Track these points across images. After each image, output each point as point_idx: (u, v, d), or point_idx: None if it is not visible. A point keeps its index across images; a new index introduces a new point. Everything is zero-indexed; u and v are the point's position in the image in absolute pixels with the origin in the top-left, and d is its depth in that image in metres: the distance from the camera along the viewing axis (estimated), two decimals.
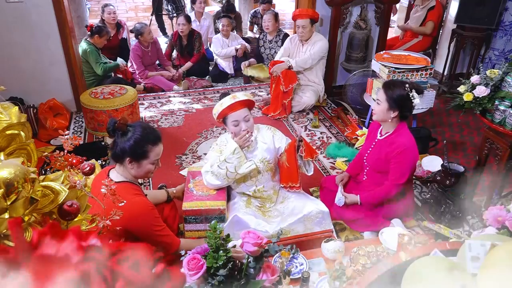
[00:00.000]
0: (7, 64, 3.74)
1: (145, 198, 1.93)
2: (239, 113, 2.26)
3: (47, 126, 3.78)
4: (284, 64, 4.03)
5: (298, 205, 2.37)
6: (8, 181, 0.95)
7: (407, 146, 2.31)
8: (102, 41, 4.45)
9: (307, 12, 3.98)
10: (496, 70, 2.48)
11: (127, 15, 8.38)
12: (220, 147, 2.39)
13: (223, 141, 2.42)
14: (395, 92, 2.28)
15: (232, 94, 2.27)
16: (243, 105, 2.27)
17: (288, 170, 2.33)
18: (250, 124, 2.31)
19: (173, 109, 4.35)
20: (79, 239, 0.46)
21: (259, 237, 1.30)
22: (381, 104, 2.33)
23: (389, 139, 2.39)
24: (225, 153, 2.29)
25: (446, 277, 0.81)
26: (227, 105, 2.23)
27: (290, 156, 2.30)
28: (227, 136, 2.42)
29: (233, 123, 2.28)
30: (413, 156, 2.35)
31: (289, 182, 2.37)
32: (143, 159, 1.88)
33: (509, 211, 1.24)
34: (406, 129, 2.39)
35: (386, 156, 2.37)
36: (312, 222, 2.34)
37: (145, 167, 1.91)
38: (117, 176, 1.93)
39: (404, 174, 2.35)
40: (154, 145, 1.89)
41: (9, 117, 1.18)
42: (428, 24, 4.87)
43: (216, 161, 2.30)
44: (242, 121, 2.28)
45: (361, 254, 1.78)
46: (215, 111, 2.31)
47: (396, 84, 2.32)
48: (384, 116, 2.35)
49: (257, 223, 2.26)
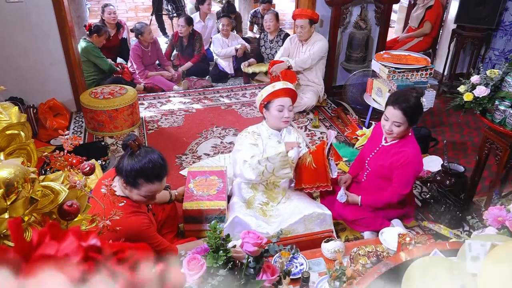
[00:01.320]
0: (7, 64, 3.74)
1: (141, 217, 1.88)
2: (286, 100, 2.35)
3: (47, 126, 3.78)
4: (283, 64, 4.03)
5: (299, 206, 2.37)
6: (8, 181, 0.95)
7: (413, 158, 2.26)
8: (101, 40, 4.46)
9: (306, 12, 3.98)
10: (496, 70, 2.48)
11: (127, 15, 8.38)
12: (255, 137, 2.42)
13: (254, 130, 2.47)
14: (416, 110, 2.17)
15: (282, 81, 2.39)
16: (290, 94, 2.37)
17: (315, 171, 2.32)
18: (292, 115, 2.41)
19: (173, 109, 4.35)
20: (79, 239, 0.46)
21: (259, 237, 1.30)
22: (401, 126, 2.20)
23: (395, 147, 2.33)
24: (269, 152, 2.29)
25: (446, 277, 0.81)
26: (278, 88, 2.33)
27: (318, 158, 2.29)
28: (259, 127, 2.48)
29: (278, 107, 2.34)
30: (418, 167, 2.32)
31: (317, 183, 2.35)
32: (134, 188, 1.83)
33: (509, 211, 1.24)
34: (413, 137, 2.33)
35: (391, 165, 2.33)
36: (312, 222, 2.34)
37: (135, 196, 1.85)
38: (118, 189, 1.88)
39: (408, 185, 2.33)
40: (148, 182, 1.81)
41: (9, 117, 1.18)
42: (425, 25, 4.88)
43: (257, 154, 2.32)
44: (287, 108, 2.35)
45: (361, 254, 1.78)
46: (263, 92, 2.38)
47: (407, 99, 2.17)
48: (404, 133, 2.26)
49: (257, 225, 2.26)
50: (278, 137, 2.42)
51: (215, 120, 4.10)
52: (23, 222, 1.01)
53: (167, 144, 3.66)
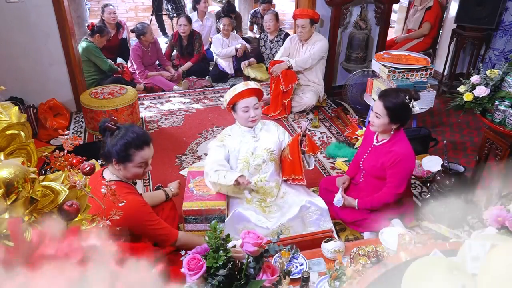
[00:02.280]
0: (7, 64, 3.74)
1: (136, 196, 1.94)
2: (250, 100, 2.36)
3: (47, 126, 3.78)
4: (284, 64, 4.03)
5: (297, 199, 2.40)
6: (8, 181, 0.95)
7: (403, 156, 2.27)
8: (102, 40, 4.46)
9: (307, 12, 3.98)
10: (496, 70, 2.48)
11: (127, 15, 8.38)
12: (223, 136, 2.46)
13: (227, 131, 2.50)
14: (397, 105, 2.21)
15: (244, 82, 2.39)
16: (254, 93, 2.38)
17: (291, 163, 2.40)
18: (259, 112, 2.42)
19: (173, 109, 4.35)
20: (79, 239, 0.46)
21: (259, 237, 1.30)
22: (381, 118, 2.27)
23: (386, 147, 2.35)
24: (221, 179, 2.26)
25: (446, 277, 0.81)
26: (240, 91, 2.33)
27: (293, 149, 2.37)
28: (233, 128, 2.50)
29: (243, 108, 2.36)
30: (410, 165, 2.32)
31: (292, 175, 2.43)
32: (128, 162, 1.89)
33: (509, 211, 1.24)
34: (403, 136, 2.35)
35: (382, 165, 2.35)
36: (310, 218, 2.35)
37: (131, 170, 1.92)
38: (109, 175, 1.95)
39: (401, 184, 2.33)
40: (138, 149, 1.89)
41: (9, 117, 1.18)
42: (424, 25, 4.88)
43: (218, 159, 2.36)
44: (252, 108, 2.37)
45: (361, 254, 1.78)
46: (227, 96, 2.40)
47: (394, 96, 2.24)
48: (385, 128, 2.31)
49: (257, 219, 2.30)
50: (251, 133, 2.44)
51: (215, 120, 4.10)
52: (23, 222, 1.01)
53: (167, 144, 3.66)
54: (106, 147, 1.90)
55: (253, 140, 2.43)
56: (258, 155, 2.41)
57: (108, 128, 1.89)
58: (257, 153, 2.41)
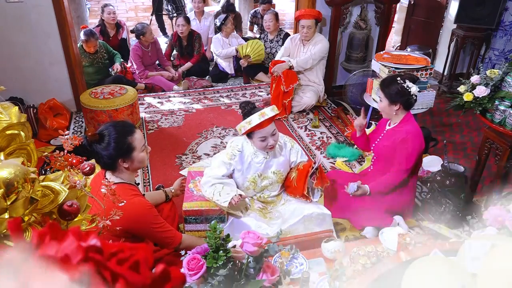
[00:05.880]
0: (7, 64, 3.74)
1: (142, 198, 1.94)
2: (267, 129, 2.18)
3: (47, 126, 3.78)
4: (285, 64, 4.03)
5: (299, 207, 2.35)
6: (8, 181, 0.95)
7: (411, 132, 2.38)
8: (88, 46, 4.34)
9: (312, 12, 3.98)
10: (496, 70, 2.48)
11: (127, 15, 8.38)
12: (232, 154, 2.31)
13: (237, 146, 2.32)
14: (390, 88, 2.40)
15: (260, 112, 2.15)
16: (271, 121, 2.20)
17: (294, 188, 2.34)
18: (277, 138, 2.25)
19: (173, 109, 4.35)
20: (79, 239, 0.46)
21: (259, 237, 1.30)
22: (382, 101, 2.47)
23: (396, 128, 2.48)
24: (216, 197, 2.21)
25: (446, 277, 0.81)
26: (256, 124, 2.14)
27: (300, 179, 2.27)
28: (243, 141, 2.33)
29: (260, 139, 2.20)
30: (418, 143, 2.40)
31: (292, 195, 2.41)
32: (132, 151, 1.90)
33: (509, 211, 1.24)
34: (412, 119, 2.47)
35: (393, 143, 2.44)
36: (312, 223, 2.33)
37: (137, 157, 1.93)
38: (114, 179, 1.92)
39: (409, 160, 2.38)
40: (132, 134, 1.91)
41: (9, 117, 1.18)
42: None
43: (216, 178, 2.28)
44: (270, 136, 2.20)
45: (361, 254, 1.78)
46: (240, 127, 2.22)
47: (390, 80, 2.45)
48: (388, 111, 2.46)
49: (257, 226, 2.25)
50: (263, 154, 2.32)
51: (215, 120, 4.10)
52: (23, 222, 1.01)
53: (167, 144, 3.66)
54: (103, 156, 1.86)
55: (264, 161, 2.32)
56: (267, 177, 2.35)
57: (92, 138, 1.85)
58: (266, 175, 2.35)
